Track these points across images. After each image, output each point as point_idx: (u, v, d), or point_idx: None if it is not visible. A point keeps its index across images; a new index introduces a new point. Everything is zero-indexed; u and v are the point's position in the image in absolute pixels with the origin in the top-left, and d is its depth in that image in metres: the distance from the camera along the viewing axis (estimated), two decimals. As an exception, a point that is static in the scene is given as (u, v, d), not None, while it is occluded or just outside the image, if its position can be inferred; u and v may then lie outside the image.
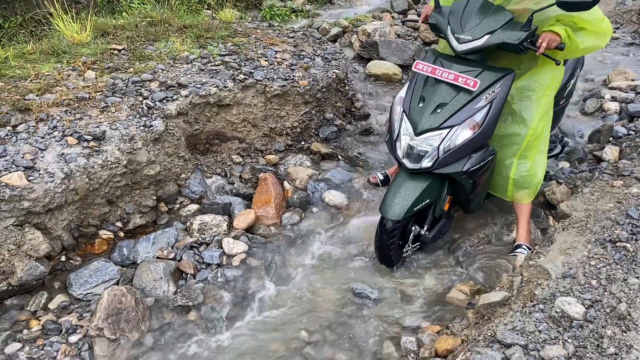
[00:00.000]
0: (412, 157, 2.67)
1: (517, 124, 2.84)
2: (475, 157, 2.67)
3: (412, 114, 2.69)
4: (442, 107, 2.62)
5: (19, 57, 3.65)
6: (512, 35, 2.57)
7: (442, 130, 2.60)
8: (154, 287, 2.75)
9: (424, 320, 2.63)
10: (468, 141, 2.59)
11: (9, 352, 2.42)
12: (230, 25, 4.54)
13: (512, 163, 2.89)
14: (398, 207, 2.66)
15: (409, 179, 2.72)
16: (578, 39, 2.62)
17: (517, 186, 2.95)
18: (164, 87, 3.50)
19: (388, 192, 2.74)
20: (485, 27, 2.60)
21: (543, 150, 2.94)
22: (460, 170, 2.65)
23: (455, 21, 2.69)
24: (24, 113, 3.02)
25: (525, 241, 2.98)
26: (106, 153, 2.95)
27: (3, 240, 2.59)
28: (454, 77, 2.60)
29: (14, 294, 2.69)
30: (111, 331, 2.46)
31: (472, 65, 2.64)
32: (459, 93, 2.61)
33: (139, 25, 4.28)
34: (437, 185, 2.77)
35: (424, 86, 2.72)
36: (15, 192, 2.60)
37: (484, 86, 2.59)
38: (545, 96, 2.83)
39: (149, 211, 3.22)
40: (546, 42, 2.55)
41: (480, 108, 2.60)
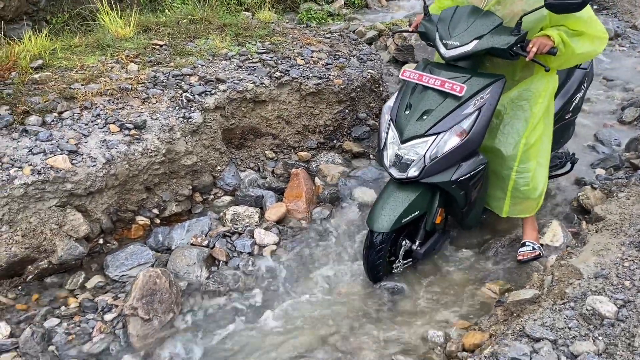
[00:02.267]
0: (399, 166, 2.57)
1: (508, 136, 2.74)
2: (464, 166, 2.58)
3: (398, 121, 2.60)
4: (429, 113, 2.53)
5: (66, 50, 3.79)
6: (501, 40, 2.48)
7: (428, 137, 2.51)
8: (187, 271, 2.83)
9: (453, 316, 2.63)
10: (455, 149, 2.50)
11: (47, 327, 2.51)
12: (269, 25, 4.63)
13: (509, 175, 2.77)
14: (385, 219, 2.56)
15: (398, 189, 2.63)
16: (574, 45, 2.51)
17: (515, 199, 2.82)
18: (203, 81, 3.59)
19: (376, 204, 2.65)
20: (473, 33, 2.53)
21: (542, 163, 2.81)
22: (449, 180, 2.55)
23: (444, 28, 2.62)
24: (69, 101, 3.15)
25: (531, 238, 2.94)
26: (146, 141, 3.05)
27: (46, 219, 2.71)
28: (441, 83, 2.52)
29: (53, 272, 2.79)
30: (145, 311, 2.53)
31: (461, 72, 2.57)
32: (446, 99, 2.53)
33: (180, 23, 4.40)
34: (428, 197, 2.66)
35: (411, 94, 2.63)
36: (60, 174, 2.71)
37: (472, 92, 2.51)
38: (538, 104, 2.71)
39: (184, 200, 3.31)
40: (537, 47, 2.45)
41: (468, 114, 2.51)
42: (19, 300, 2.66)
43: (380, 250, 2.64)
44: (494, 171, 2.80)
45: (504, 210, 2.89)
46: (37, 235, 2.69)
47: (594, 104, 5.02)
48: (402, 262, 2.82)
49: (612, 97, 5.13)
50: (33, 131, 2.86)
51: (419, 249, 2.77)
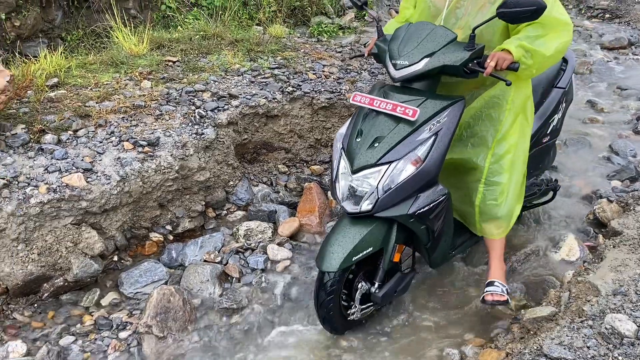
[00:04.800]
0: (352, 199, 2.33)
1: (477, 147, 2.56)
2: (422, 198, 2.33)
3: (349, 150, 2.36)
4: (380, 140, 2.29)
5: (81, 67, 3.84)
6: (454, 57, 2.26)
7: (380, 166, 2.26)
8: (200, 288, 2.83)
9: (468, 333, 2.60)
10: (411, 178, 2.26)
11: (63, 344, 2.53)
12: (280, 40, 4.66)
13: (477, 189, 2.58)
14: (333, 257, 2.29)
15: (349, 224, 2.37)
16: (541, 48, 2.28)
17: (483, 216, 2.62)
18: (216, 97, 3.62)
19: (326, 240, 2.39)
20: (423, 50, 2.30)
21: (515, 179, 2.59)
22: (406, 213, 2.31)
23: (394, 47, 2.38)
24: (84, 119, 3.19)
25: (498, 278, 2.64)
26: (160, 158, 3.07)
27: (62, 237, 2.73)
28: (392, 107, 2.28)
29: (69, 289, 2.81)
30: (159, 329, 2.54)
31: (416, 95, 2.33)
32: (399, 125, 2.29)
33: (193, 39, 4.44)
34: (382, 232, 2.38)
35: (363, 120, 2.40)
36: (75, 192, 2.74)
37: (427, 116, 2.28)
38: (507, 111, 2.51)
39: (197, 216, 3.32)
40: (494, 62, 2.23)
41: (423, 140, 2.27)
42: (35, 318, 2.68)
43: (331, 292, 2.39)
44: (464, 185, 2.63)
45: (477, 229, 2.69)
46: (53, 253, 2.71)
47: (609, 114, 4.98)
48: (360, 307, 2.50)
49: (627, 107, 5.09)
50: (49, 149, 2.90)
51: (377, 292, 2.46)
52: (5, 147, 2.88)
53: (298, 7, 5.82)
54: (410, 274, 2.62)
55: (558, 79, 3.11)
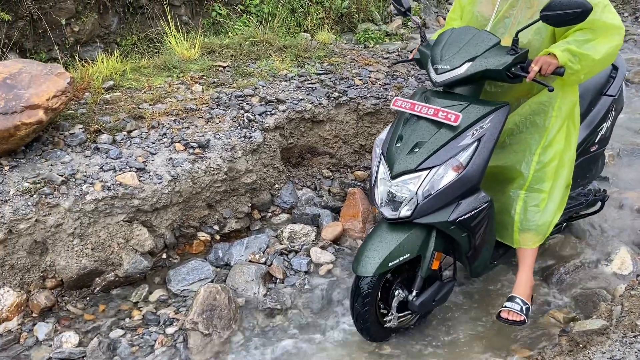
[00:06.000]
0: (391, 205, 2.30)
1: (520, 154, 2.50)
2: (464, 205, 2.28)
3: (389, 155, 2.33)
4: (421, 146, 2.26)
5: (135, 71, 3.98)
6: (496, 61, 2.22)
7: (420, 172, 2.23)
8: (245, 288, 2.88)
9: (513, 344, 2.56)
10: (452, 184, 2.22)
11: (113, 337, 2.61)
12: (327, 47, 4.71)
13: (519, 195, 2.50)
14: (369, 262, 2.26)
15: (387, 230, 2.34)
16: (589, 51, 2.20)
17: (523, 225, 2.53)
18: (264, 102, 3.69)
19: (363, 245, 2.37)
20: (465, 54, 2.26)
21: (559, 188, 2.51)
22: (447, 220, 2.26)
23: (436, 52, 2.35)
24: (138, 120, 3.30)
25: (522, 294, 2.53)
26: (209, 160, 3.14)
27: (114, 234, 2.83)
28: (434, 112, 2.24)
29: (119, 284, 2.91)
30: (205, 326, 2.59)
31: (459, 100, 2.29)
32: (440, 130, 2.25)
33: (243, 45, 4.54)
34: (421, 238, 2.33)
35: (404, 125, 2.37)
36: (128, 190, 2.83)
37: (470, 121, 2.23)
38: (553, 118, 2.44)
39: (243, 217, 3.38)
40: (538, 67, 2.18)
41: (465, 146, 2.23)
42: (87, 311, 2.78)
43: (366, 296, 2.35)
44: (503, 195, 2.54)
45: (514, 240, 2.58)
46: (105, 249, 2.81)
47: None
48: (397, 316, 2.44)
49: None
50: (104, 149, 3.01)
51: (415, 300, 2.41)
52: (64, 146, 3.01)
53: (345, 14, 5.87)
54: (450, 283, 2.55)
55: (607, 87, 3.02)
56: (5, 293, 2.63)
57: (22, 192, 2.68)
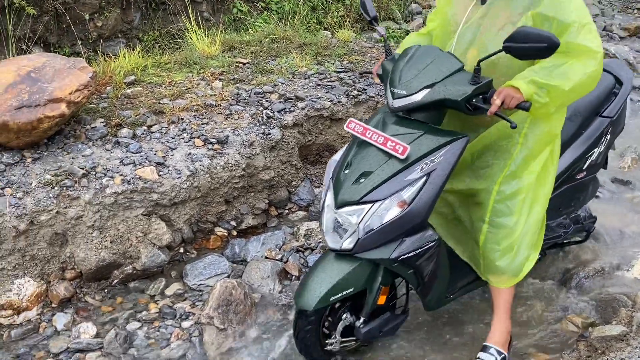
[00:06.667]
0: (336, 234, 2.14)
1: (484, 179, 2.25)
2: (408, 242, 2.10)
3: (337, 181, 2.17)
4: (367, 176, 2.08)
5: (156, 66, 4.01)
6: (456, 90, 2.00)
7: (363, 204, 2.06)
8: (261, 284, 2.89)
9: (531, 347, 2.53)
10: (395, 221, 2.04)
11: (130, 329, 2.64)
12: (347, 44, 4.70)
13: (481, 229, 2.27)
14: (310, 296, 2.12)
15: (333, 260, 2.18)
16: (559, 80, 1.94)
17: (485, 261, 2.30)
18: (283, 99, 3.69)
19: (307, 274, 2.23)
20: (424, 79, 2.04)
21: (530, 225, 2.25)
22: (388, 258, 2.09)
23: (396, 72, 2.14)
24: (158, 115, 3.33)
25: (496, 344, 2.32)
26: (228, 156, 3.16)
27: (133, 227, 2.86)
28: (383, 141, 2.06)
29: (137, 277, 2.94)
30: (220, 321, 2.61)
31: (414, 127, 2.10)
32: (389, 160, 2.07)
33: (263, 42, 4.55)
34: (367, 272, 2.17)
35: (355, 150, 2.18)
36: (147, 184, 2.86)
37: (420, 154, 2.03)
38: (520, 145, 2.17)
39: (260, 213, 3.40)
40: (500, 100, 1.92)
41: (412, 181, 2.04)
42: (105, 303, 2.82)
43: (308, 327, 2.23)
44: (470, 221, 2.34)
45: (481, 272, 2.37)
46: (124, 242, 2.84)
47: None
48: (340, 340, 2.30)
49: None
50: (124, 143, 3.05)
51: (362, 327, 2.25)
52: (85, 139, 3.05)
53: (366, 13, 5.86)
54: (402, 316, 2.40)
55: (605, 106, 2.68)
56: (25, 283, 2.67)
57: (43, 184, 2.72)
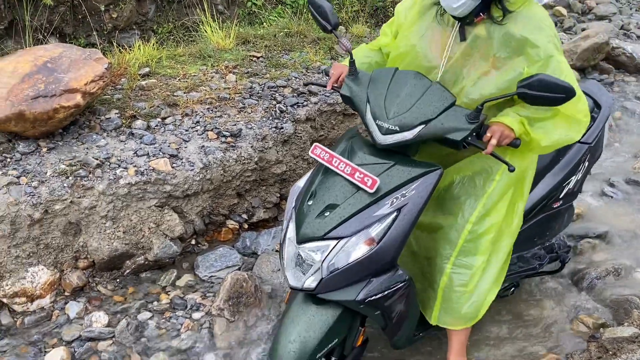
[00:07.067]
0: (298, 270, 1.94)
1: (452, 215, 2.11)
2: (375, 283, 1.91)
3: (299, 213, 1.96)
4: (332, 209, 1.89)
5: (171, 58, 4.03)
6: (453, 128, 1.87)
7: (327, 241, 1.86)
8: (271, 277, 2.90)
9: (541, 347, 2.52)
10: (362, 260, 1.85)
11: (141, 319, 2.66)
12: (362, 39, 4.69)
13: (444, 270, 2.11)
14: (293, 356, 1.88)
15: (310, 308, 1.95)
16: (539, 133, 1.90)
17: (445, 303, 2.15)
18: (296, 93, 3.69)
19: (281, 328, 1.97)
20: (418, 115, 1.88)
21: (494, 265, 2.15)
22: (354, 300, 1.89)
23: (378, 100, 1.95)
24: (172, 107, 3.34)
25: None
26: (241, 149, 3.17)
27: (146, 218, 2.88)
28: (351, 171, 1.89)
29: (148, 268, 2.96)
30: (230, 313, 2.63)
31: (385, 157, 1.94)
32: (357, 193, 1.89)
33: (277, 36, 4.55)
34: (350, 316, 1.99)
35: (320, 178, 2.00)
36: (161, 176, 2.88)
37: (391, 187, 1.88)
38: (495, 182, 2.08)
39: (272, 207, 3.41)
40: (496, 139, 1.84)
41: (381, 217, 1.86)
42: (117, 292, 2.84)
43: None
44: (430, 260, 2.18)
45: (432, 315, 2.20)
46: (137, 233, 2.86)
47: None
48: None
49: None
50: (138, 134, 3.06)
51: None
52: (100, 130, 3.07)
53: (380, 8, 5.81)
54: (365, 344, 2.25)
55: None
56: (39, 271, 2.70)
57: (58, 173, 2.75)
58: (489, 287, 2.15)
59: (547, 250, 2.76)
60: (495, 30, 1.93)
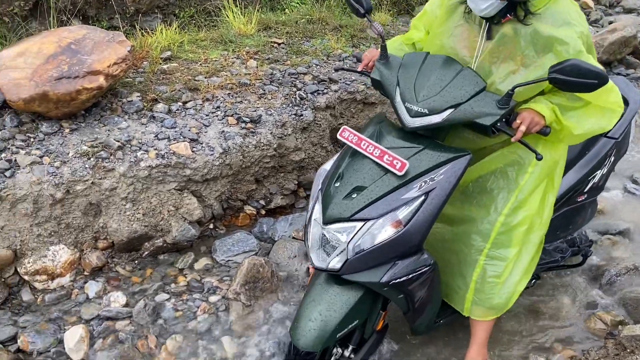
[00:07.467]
0: (323, 251, 1.95)
1: (484, 208, 2.11)
2: (400, 266, 1.92)
3: (326, 194, 1.98)
4: (360, 191, 1.90)
5: (192, 43, 4.03)
6: (483, 113, 1.86)
7: (354, 222, 1.88)
8: (287, 264, 2.92)
9: (557, 343, 2.51)
10: (388, 242, 1.87)
11: (158, 301, 2.70)
12: (384, 28, 4.63)
13: (477, 261, 2.12)
14: (314, 334, 1.90)
15: (334, 287, 1.98)
16: (571, 121, 1.90)
17: (478, 295, 2.16)
18: (317, 80, 3.68)
19: (303, 307, 1.99)
20: (448, 98, 1.89)
21: (526, 256, 2.15)
22: (378, 282, 1.91)
23: (408, 84, 1.96)
24: (193, 92, 3.35)
25: None
26: (260, 135, 3.18)
27: (165, 201, 2.90)
28: (380, 154, 1.89)
29: (166, 251, 2.99)
30: (247, 297, 2.65)
31: (414, 141, 1.94)
32: (385, 175, 1.90)
33: (298, 22, 4.52)
34: (371, 298, 2.02)
35: (348, 160, 2.00)
36: (181, 160, 2.90)
37: (419, 171, 1.88)
38: (527, 174, 2.08)
39: (289, 194, 3.43)
40: (526, 125, 1.84)
41: (409, 200, 1.86)
42: (135, 274, 2.88)
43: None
44: (459, 253, 2.19)
45: (464, 307, 2.22)
46: (156, 215, 2.89)
47: None
48: None
49: None
50: (160, 118, 3.08)
51: (354, 357, 2.14)
52: (122, 113, 3.10)
53: (403, -4, 5.76)
54: (384, 330, 2.27)
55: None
56: (60, 250, 2.74)
57: (80, 154, 2.78)
58: (520, 278, 2.17)
59: (569, 243, 2.75)
60: (522, 29, 1.92)
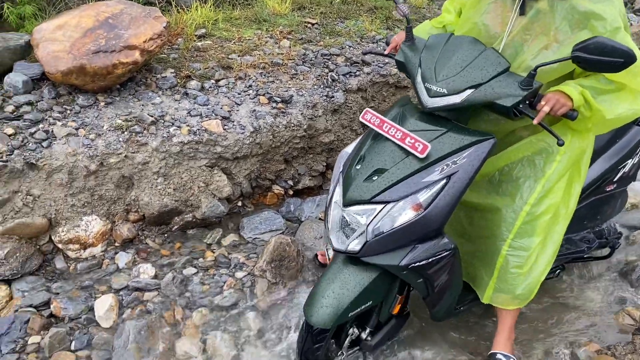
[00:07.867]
0: (342, 233, 1.95)
1: (509, 197, 2.08)
2: (420, 250, 1.89)
3: (347, 176, 1.97)
4: (380, 174, 1.88)
5: (227, 21, 4.05)
6: (504, 94, 1.81)
7: (374, 205, 1.86)
8: (313, 244, 2.94)
9: (583, 336, 2.48)
10: (408, 225, 1.84)
11: (186, 274, 2.75)
12: (419, 10, 4.58)
13: (500, 250, 2.10)
14: (326, 312, 1.91)
15: (348, 268, 1.97)
16: (603, 105, 1.83)
17: (500, 284, 2.14)
18: (349, 62, 3.66)
19: (318, 286, 2.00)
20: (468, 78, 1.85)
21: (550, 246, 2.11)
22: (397, 265, 1.89)
23: (429, 64, 1.94)
24: (226, 70, 3.37)
25: (503, 349, 2.26)
26: (291, 115, 3.18)
27: (196, 177, 2.94)
28: (402, 136, 1.87)
29: (195, 226, 3.04)
30: (272, 274, 2.68)
31: (436, 124, 1.90)
32: (406, 158, 1.87)
33: (333, 3, 4.49)
34: (387, 281, 2.00)
35: (369, 143, 1.99)
36: (212, 137, 2.93)
37: (442, 154, 1.84)
38: (555, 163, 2.03)
39: (317, 175, 3.44)
40: (549, 107, 1.78)
41: (430, 183, 1.83)
42: (164, 247, 2.93)
43: (320, 340, 2.07)
44: (484, 240, 2.16)
45: (485, 295, 2.21)
46: (186, 190, 2.94)
47: None
48: (346, 354, 2.20)
49: None
50: (193, 95, 3.11)
51: (370, 340, 2.15)
52: (156, 88, 3.13)
53: (440, -21, 5.66)
54: (405, 317, 2.26)
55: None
56: (92, 221, 2.81)
57: (114, 128, 2.83)
58: (543, 268, 2.13)
59: (596, 234, 2.68)
60: (559, 4, 1.88)
